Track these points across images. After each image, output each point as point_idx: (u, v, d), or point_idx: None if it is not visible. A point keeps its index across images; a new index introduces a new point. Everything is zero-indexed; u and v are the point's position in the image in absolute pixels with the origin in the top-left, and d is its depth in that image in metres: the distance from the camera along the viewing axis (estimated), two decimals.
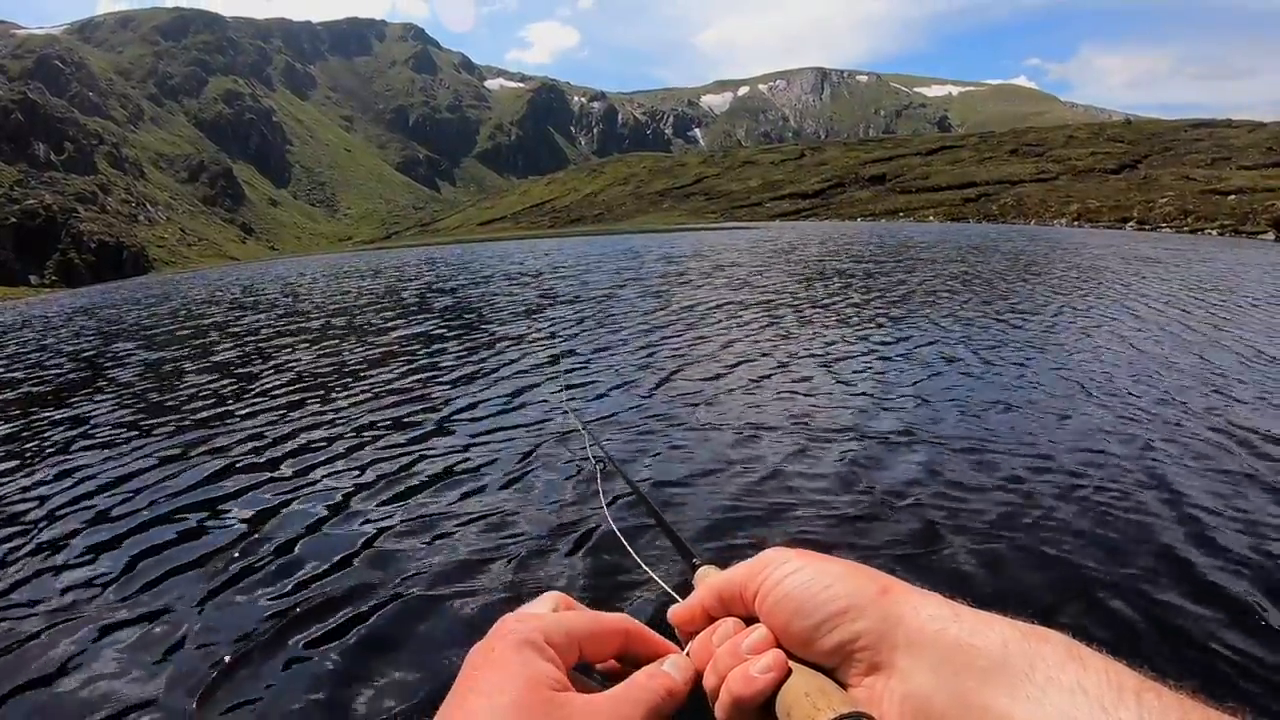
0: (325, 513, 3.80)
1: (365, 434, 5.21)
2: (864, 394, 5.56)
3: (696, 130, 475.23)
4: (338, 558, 3.29)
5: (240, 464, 4.70)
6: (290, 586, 3.04)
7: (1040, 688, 0.42)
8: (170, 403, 6.80)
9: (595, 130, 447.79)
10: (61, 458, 5.21)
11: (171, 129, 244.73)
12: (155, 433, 5.65)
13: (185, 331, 12.85)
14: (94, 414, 6.57)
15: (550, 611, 0.56)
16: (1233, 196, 40.63)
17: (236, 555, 3.42)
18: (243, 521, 3.77)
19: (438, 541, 3.40)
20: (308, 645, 2.60)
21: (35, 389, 8.48)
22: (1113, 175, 61.29)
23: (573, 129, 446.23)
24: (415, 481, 4.22)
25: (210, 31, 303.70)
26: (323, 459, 4.68)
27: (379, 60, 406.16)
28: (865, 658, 0.51)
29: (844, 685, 0.51)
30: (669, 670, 0.58)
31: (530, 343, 8.71)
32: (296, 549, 3.41)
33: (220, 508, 4.02)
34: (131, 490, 4.37)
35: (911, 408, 5.12)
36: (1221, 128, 78.76)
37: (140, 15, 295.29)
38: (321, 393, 6.58)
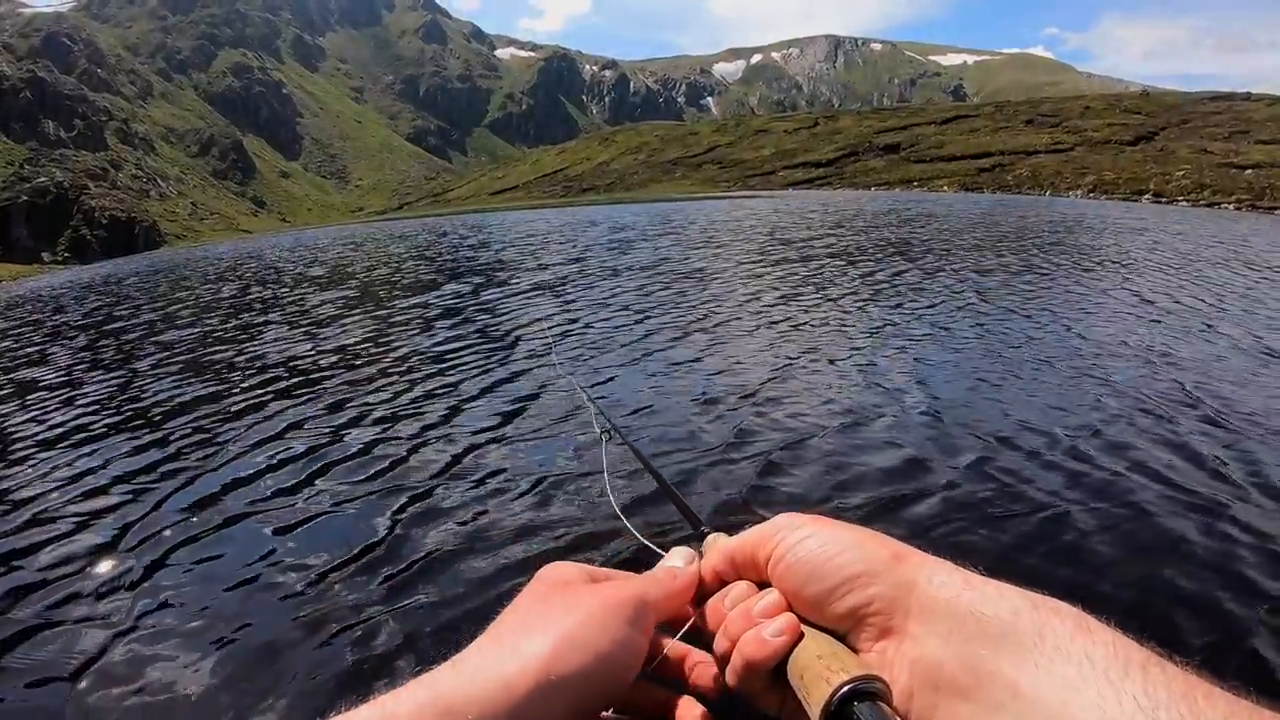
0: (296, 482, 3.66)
1: (346, 413, 5.14)
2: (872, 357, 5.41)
3: (709, 99, 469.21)
4: (330, 536, 3.21)
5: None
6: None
7: (1048, 657, 0.43)
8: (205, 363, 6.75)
9: (607, 99, 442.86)
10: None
11: (181, 103, 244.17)
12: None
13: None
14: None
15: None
16: (1250, 171, 39.80)
17: (243, 523, 3.43)
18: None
19: (431, 512, 3.35)
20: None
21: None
22: (1129, 147, 60.01)
23: (584, 98, 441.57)
24: (409, 443, 4.20)
25: (218, 4, 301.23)
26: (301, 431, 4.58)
27: (388, 30, 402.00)
28: (877, 623, 0.51)
29: (855, 650, 0.52)
30: (673, 561, 0.63)
31: (532, 307, 8.65)
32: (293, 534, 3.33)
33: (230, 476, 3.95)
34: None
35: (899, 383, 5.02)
36: (1240, 101, 76.74)
37: None
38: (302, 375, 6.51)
